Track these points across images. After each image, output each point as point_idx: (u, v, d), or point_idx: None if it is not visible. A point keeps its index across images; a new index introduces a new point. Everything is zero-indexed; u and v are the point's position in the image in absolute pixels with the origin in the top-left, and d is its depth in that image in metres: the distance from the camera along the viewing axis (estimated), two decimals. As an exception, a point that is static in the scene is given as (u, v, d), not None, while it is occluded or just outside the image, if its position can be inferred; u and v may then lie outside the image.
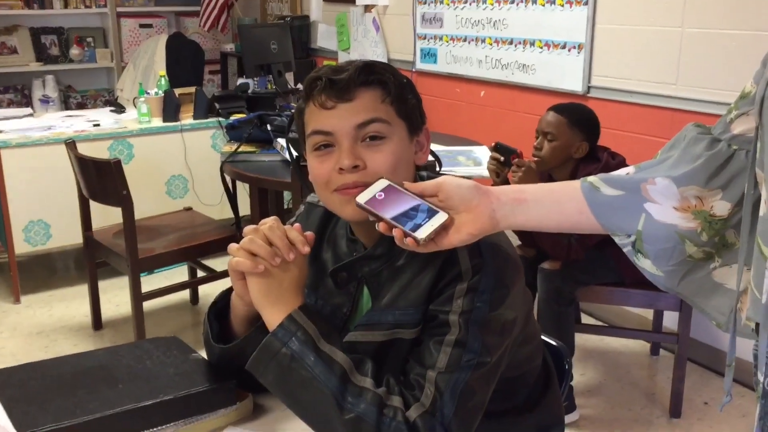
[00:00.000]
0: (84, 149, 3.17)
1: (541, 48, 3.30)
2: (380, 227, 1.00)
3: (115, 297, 3.46)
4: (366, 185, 1.05)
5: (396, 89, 1.11)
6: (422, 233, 0.97)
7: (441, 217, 0.99)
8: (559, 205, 1.03)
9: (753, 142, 0.94)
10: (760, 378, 0.93)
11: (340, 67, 1.11)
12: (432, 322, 1.08)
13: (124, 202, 2.73)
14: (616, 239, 1.02)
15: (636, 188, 0.99)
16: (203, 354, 1.24)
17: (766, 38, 2.45)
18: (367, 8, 4.37)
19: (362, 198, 1.02)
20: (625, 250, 1.02)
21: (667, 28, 2.76)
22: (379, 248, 1.13)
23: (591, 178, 1.03)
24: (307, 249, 1.08)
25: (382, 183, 1.04)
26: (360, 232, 1.17)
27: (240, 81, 4.15)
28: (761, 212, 0.91)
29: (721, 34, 2.59)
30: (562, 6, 3.16)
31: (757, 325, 0.94)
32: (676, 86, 2.76)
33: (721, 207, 0.97)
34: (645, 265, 1.02)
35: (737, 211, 0.98)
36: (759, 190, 0.93)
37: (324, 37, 4.87)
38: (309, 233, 1.11)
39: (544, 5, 3.26)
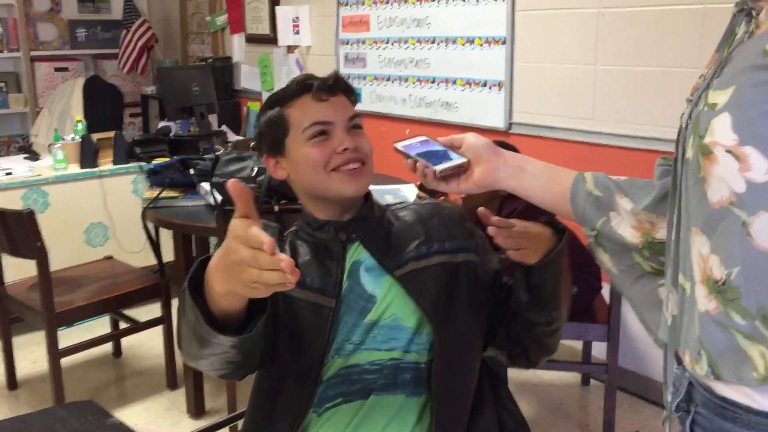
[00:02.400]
0: (-5, 199, 3.03)
1: (463, 86, 3.36)
2: (408, 164, 1.18)
3: (32, 354, 3.28)
4: (362, 162, 1.28)
5: (356, 98, 1.38)
6: (439, 167, 1.13)
7: (460, 160, 1.14)
8: (550, 184, 1.14)
9: (673, 174, 0.97)
10: (668, 398, 0.96)
11: (316, 75, 1.34)
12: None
13: (38, 255, 2.60)
14: (583, 229, 1.14)
15: (611, 195, 1.10)
16: (121, 416, 1.18)
17: (674, 74, 2.56)
18: (290, 48, 4.38)
19: (400, 144, 1.19)
20: (588, 241, 1.14)
21: (581, 66, 2.86)
22: (368, 212, 1.32)
23: (587, 173, 1.14)
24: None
25: (421, 137, 1.21)
26: (330, 211, 1.31)
27: (161, 124, 4.07)
28: (671, 239, 0.97)
29: (632, 71, 2.69)
30: (481, 45, 3.24)
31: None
32: (593, 121, 2.85)
33: (662, 233, 1.06)
34: (604, 259, 1.14)
35: None
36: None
37: (247, 78, 4.84)
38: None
39: (464, 44, 3.32)
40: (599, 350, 2.80)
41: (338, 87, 1.33)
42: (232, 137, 4.18)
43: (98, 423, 1.17)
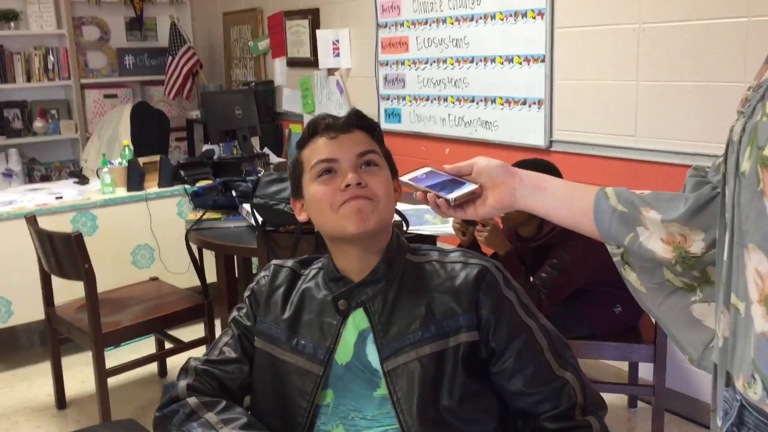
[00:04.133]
0: (46, 223, 3.12)
1: (502, 105, 3.35)
2: (418, 196, 1.16)
3: (80, 373, 3.35)
4: (368, 199, 1.23)
5: (380, 134, 1.33)
6: (452, 195, 1.11)
7: (471, 186, 1.12)
8: (571, 202, 1.11)
9: (722, 188, 0.95)
10: (718, 422, 0.93)
11: (334, 115, 1.32)
12: None
13: (86, 276, 2.67)
14: (608, 248, 1.11)
15: (636, 210, 1.07)
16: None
17: (717, 88, 2.51)
18: (330, 71, 4.43)
19: (406, 177, 1.18)
20: (614, 259, 1.10)
21: (622, 82, 2.83)
22: (374, 275, 1.27)
23: (608, 189, 1.10)
24: None
25: (426, 168, 1.19)
26: (350, 265, 1.29)
27: (205, 147, 4.15)
28: (724, 258, 0.92)
29: (674, 86, 2.65)
30: (520, 64, 3.23)
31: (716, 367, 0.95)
32: (635, 138, 2.81)
33: (696, 246, 1.03)
34: (631, 278, 1.10)
35: (712, 252, 1.01)
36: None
37: (289, 101, 4.91)
38: None
39: (502, 63, 3.32)
40: (646, 371, 2.74)
41: (351, 124, 1.29)
42: (274, 159, 4.24)
43: (138, 442, 1.18)
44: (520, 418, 1.28)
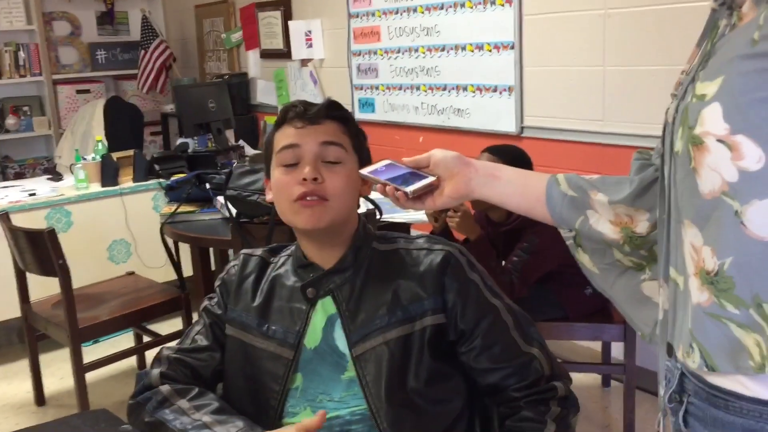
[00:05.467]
0: (20, 220, 3.11)
1: (474, 92, 3.39)
2: (377, 189, 1.19)
3: (59, 370, 3.35)
4: (320, 200, 1.24)
5: (353, 126, 1.34)
6: (410, 188, 1.13)
7: (429, 179, 1.14)
8: (524, 189, 1.15)
9: (660, 168, 0.98)
10: (661, 392, 0.97)
11: (311, 102, 1.32)
12: None
13: (61, 272, 2.67)
14: (561, 232, 1.15)
15: (585, 194, 1.11)
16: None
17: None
18: (304, 62, 4.43)
19: (365, 170, 1.20)
20: (567, 243, 1.15)
21: (590, 68, 2.87)
22: (342, 264, 1.29)
23: (559, 175, 1.14)
24: None
25: (385, 161, 1.21)
26: (316, 253, 1.31)
27: (179, 141, 4.14)
28: (663, 234, 0.97)
29: (640, 71, 2.69)
30: (490, 51, 3.26)
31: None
32: (602, 122, 2.85)
33: (642, 226, 1.07)
34: (584, 260, 1.14)
35: (657, 231, 1.05)
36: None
37: (263, 93, 4.90)
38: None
39: (473, 51, 3.35)
40: (619, 351, 2.79)
41: (321, 115, 1.29)
42: (250, 151, 4.24)
43: (110, 430, 1.20)
44: (489, 395, 1.32)
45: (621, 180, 1.11)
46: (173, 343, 1.39)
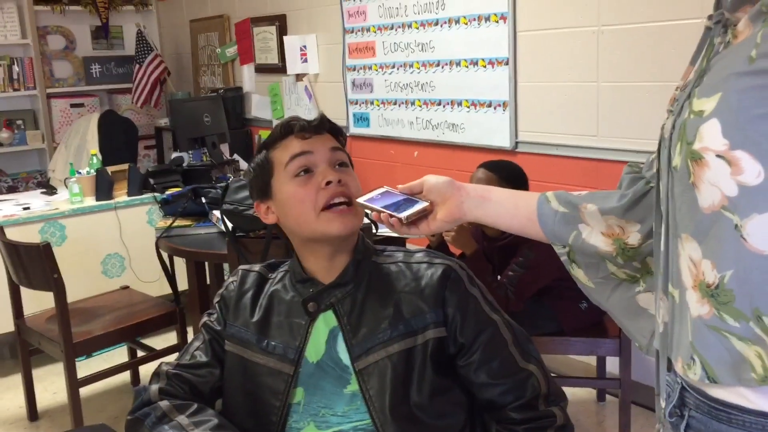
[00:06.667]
0: (14, 234, 3.10)
1: (468, 107, 3.41)
2: (374, 216, 1.21)
3: (52, 385, 3.33)
4: (349, 198, 1.26)
5: (345, 140, 1.38)
6: (404, 214, 1.16)
7: (422, 204, 1.18)
8: (516, 209, 1.18)
9: (656, 183, 1.00)
10: (662, 404, 0.97)
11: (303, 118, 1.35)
12: None
13: (55, 286, 2.66)
14: (555, 248, 1.16)
15: (575, 208, 1.13)
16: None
17: (674, 88, 2.58)
18: (299, 77, 4.45)
19: (362, 198, 1.23)
20: (562, 259, 1.16)
21: (584, 84, 2.89)
22: (343, 278, 1.29)
23: (548, 193, 1.17)
24: None
25: (381, 189, 1.24)
26: (319, 266, 1.31)
27: (174, 155, 4.14)
28: (661, 249, 0.98)
29: (634, 87, 2.72)
30: (485, 67, 3.28)
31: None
32: (597, 137, 2.87)
33: (634, 237, 1.09)
34: (578, 275, 1.16)
35: (649, 243, 1.07)
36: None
37: (258, 107, 4.92)
38: None
39: (467, 67, 3.37)
40: (614, 365, 2.80)
41: (323, 126, 1.32)
42: (244, 165, 4.24)
43: (110, 446, 1.20)
44: (486, 411, 1.32)
45: (609, 193, 1.13)
46: (172, 359, 1.39)
